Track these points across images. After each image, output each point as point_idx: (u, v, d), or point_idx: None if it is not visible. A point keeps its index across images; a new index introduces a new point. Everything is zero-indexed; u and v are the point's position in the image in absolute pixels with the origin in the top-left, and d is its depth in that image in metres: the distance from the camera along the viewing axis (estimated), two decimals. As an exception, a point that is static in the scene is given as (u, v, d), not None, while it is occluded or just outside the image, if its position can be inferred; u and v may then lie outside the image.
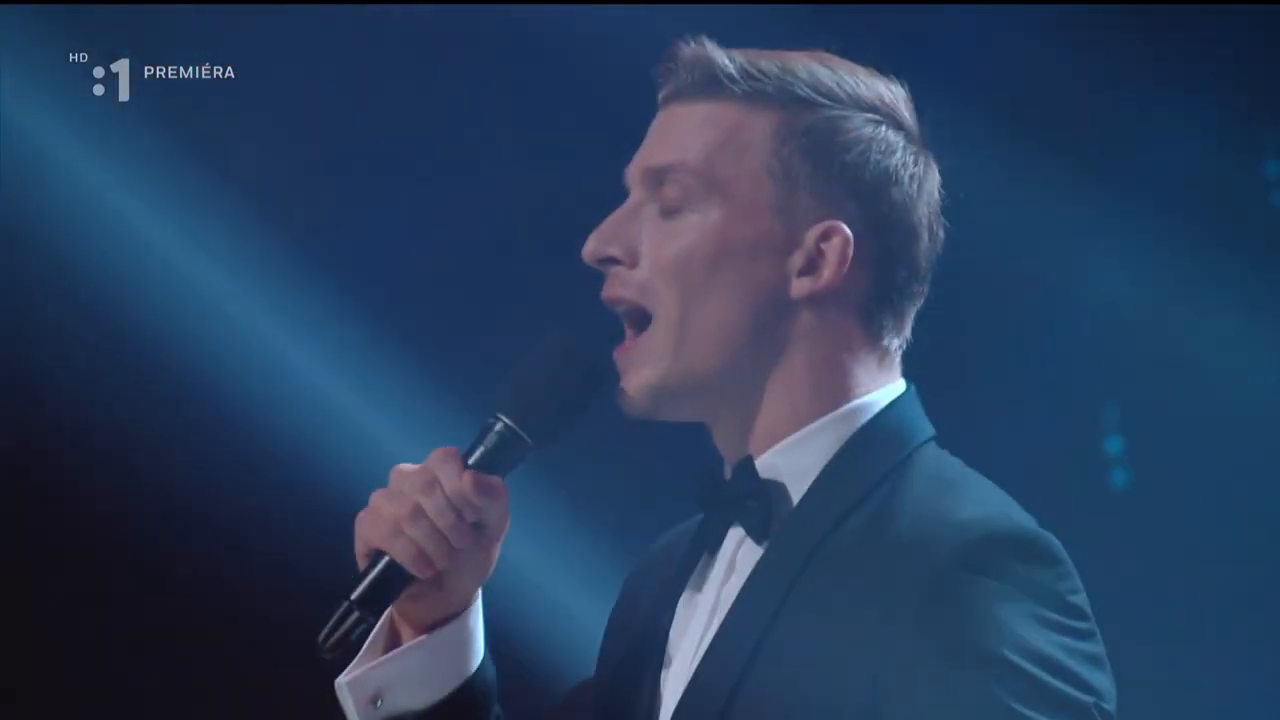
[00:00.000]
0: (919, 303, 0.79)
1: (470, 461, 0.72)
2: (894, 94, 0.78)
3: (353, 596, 0.69)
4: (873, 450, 0.73)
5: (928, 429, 0.76)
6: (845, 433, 0.74)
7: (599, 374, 0.74)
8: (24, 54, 2.00)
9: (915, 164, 0.77)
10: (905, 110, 0.78)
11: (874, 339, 0.76)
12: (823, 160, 0.74)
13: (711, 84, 0.75)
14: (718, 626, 0.72)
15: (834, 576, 0.68)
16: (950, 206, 0.80)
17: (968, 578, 0.64)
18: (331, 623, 0.69)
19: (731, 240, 0.73)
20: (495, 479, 0.72)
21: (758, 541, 0.73)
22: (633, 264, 0.74)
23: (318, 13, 2.01)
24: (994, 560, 0.65)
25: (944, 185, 0.79)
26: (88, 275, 2.02)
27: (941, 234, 0.79)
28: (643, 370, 0.74)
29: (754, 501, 0.73)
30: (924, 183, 0.77)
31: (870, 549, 0.68)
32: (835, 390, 0.74)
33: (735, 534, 0.75)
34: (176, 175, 2.03)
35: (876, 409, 0.75)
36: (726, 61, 0.74)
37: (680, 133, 0.75)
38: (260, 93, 2.04)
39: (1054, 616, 0.64)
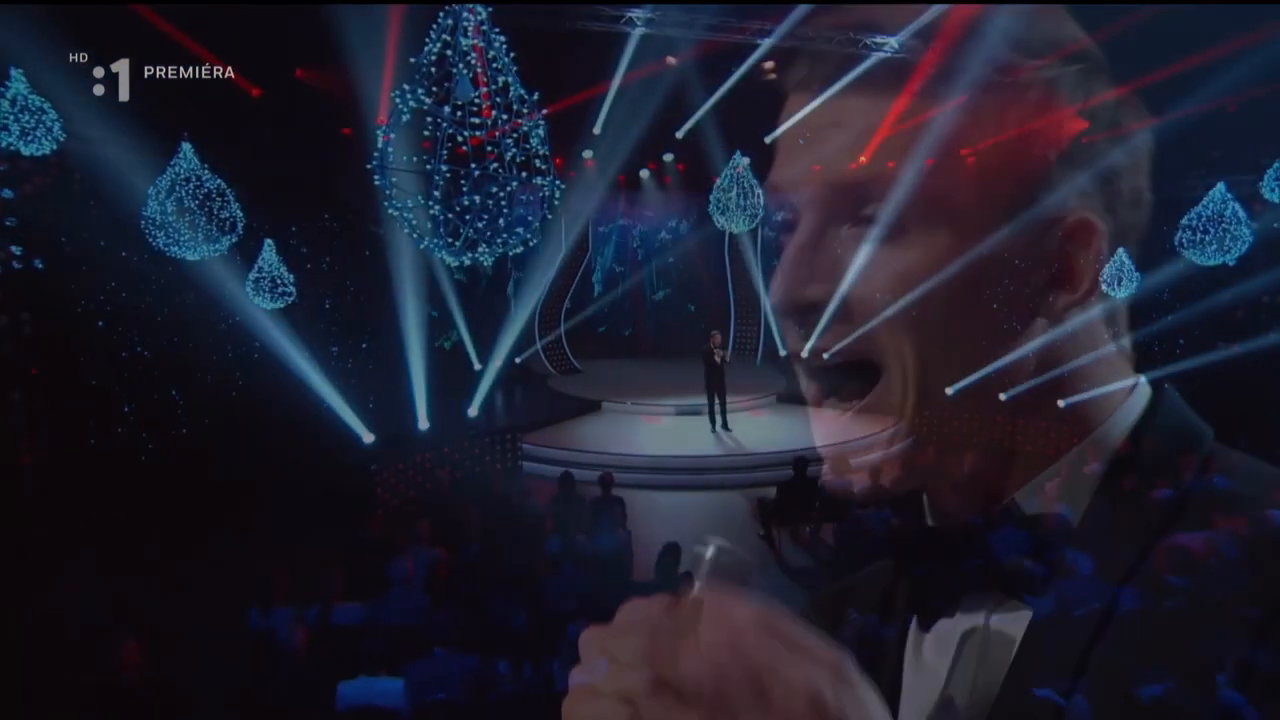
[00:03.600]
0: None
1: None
2: (1071, 20, 0.60)
3: None
4: (1144, 477, 0.57)
5: (1205, 431, 0.59)
6: (1104, 462, 0.58)
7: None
8: (24, 54, 2.00)
9: (1125, 100, 0.60)
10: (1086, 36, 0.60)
11: (1116, 326, 0.62)
12: (1048, 141, 0.57)
13: (890, 68, 0.56)
14: (993, 699, 0.59)
15: (1142, 632, 0.56)
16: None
17: None
18: None
19: (968, 264, 0.57)
20: None
21: (1022, 599, 0.58)
22: (841, 307, 0.56)
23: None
24: None
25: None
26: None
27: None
28: (887, 442, 0.57)
29: (1013, 556, 0.57)
30: (1139, 115, 0.61)
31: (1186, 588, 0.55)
32: (1089, 411, 0.59)
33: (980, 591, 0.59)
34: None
35: (1128, 423, 0.59)
36: (903, 38, 0.53)
37: (860, 134, 0.55)
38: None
39: None
